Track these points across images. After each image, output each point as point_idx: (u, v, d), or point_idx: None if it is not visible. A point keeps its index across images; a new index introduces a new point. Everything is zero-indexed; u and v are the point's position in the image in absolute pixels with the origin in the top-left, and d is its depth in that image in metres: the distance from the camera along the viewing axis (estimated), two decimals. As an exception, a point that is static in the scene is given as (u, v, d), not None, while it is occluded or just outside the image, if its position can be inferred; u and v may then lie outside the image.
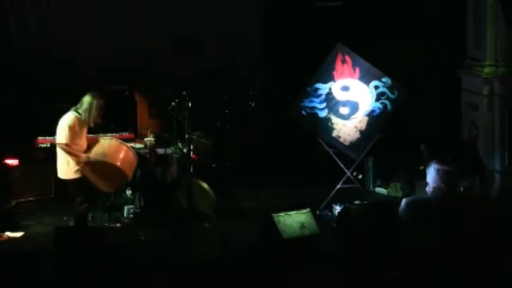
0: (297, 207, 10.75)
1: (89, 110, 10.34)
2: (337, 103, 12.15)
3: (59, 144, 10.30)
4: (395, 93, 11.98)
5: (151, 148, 11.75)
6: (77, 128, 10.30)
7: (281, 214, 10.51)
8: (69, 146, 10.22)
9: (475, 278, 9.21)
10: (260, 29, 14.67)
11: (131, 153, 10.59)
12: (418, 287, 9.22)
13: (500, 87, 12.26)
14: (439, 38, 13.21)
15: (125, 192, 12.14)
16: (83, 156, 10.27)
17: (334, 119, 12.17)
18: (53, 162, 10.48)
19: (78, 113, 10.32)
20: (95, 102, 10.36)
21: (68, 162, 10.30)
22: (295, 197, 12.36)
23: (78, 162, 10.27)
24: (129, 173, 10.57)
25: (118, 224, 11.38)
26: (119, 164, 10.37)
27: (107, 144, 10.48)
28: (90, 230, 10.57)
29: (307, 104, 12.19)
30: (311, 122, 12.15)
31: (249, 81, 14.39)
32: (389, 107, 12.02)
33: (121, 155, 10.44)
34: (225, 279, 9.47)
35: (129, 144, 11.29)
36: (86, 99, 10.38)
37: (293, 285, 9.37)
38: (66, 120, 10.29)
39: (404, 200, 11.19)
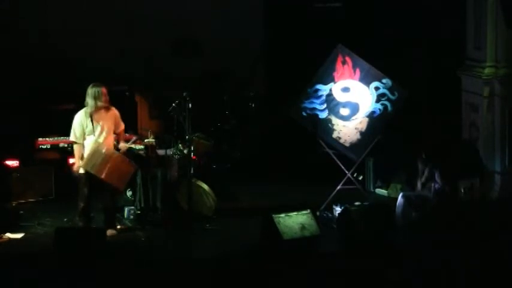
0: (298, 208, 10.76)
1: (88, 102, 10.69)
2: (338, 104, 12.14)
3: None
4: (396, 94, 11.99)
5: (152, 149, 11.75)
6: (84, 123, 10.65)
7: (281, 215, 10.51)
8: (77, 144, 10.67)
9: (474, 278, 9.21)
10: (260, 29, 14.67)
11: (121, 166, 10.78)
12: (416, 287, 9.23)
13: (500, 88, 12.24)
14: (440, 38, 13.22)
15: (126, 193, 12.14)
16: (76, 166, 10.76)
17: (335, 120, 12.17)
18: (53, 164, 10.53)
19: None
20: (89, 91, 10.69)
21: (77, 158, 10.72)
22: (295, 198, 12.35)
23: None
24: (120, 185, 10.85)
25: (118, 225, 11.38)
26: (103, 176, 10.61)
27: (96, 155, 10.64)
28: (90, 230, 10.58)
29: (307, 105, 12.18)
30: (311, 123, 12.15)
31: (249, 81, 14.39)
32: (389, 108, 12.02)
33: (108, 170, 10.63)
34: (225, 280, 9.47)
35: (129, 145, 11.31)
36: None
37: (293, 287, 9.37)
38: (75, 117, 10.72)
39: (401, 194, 11.29)
